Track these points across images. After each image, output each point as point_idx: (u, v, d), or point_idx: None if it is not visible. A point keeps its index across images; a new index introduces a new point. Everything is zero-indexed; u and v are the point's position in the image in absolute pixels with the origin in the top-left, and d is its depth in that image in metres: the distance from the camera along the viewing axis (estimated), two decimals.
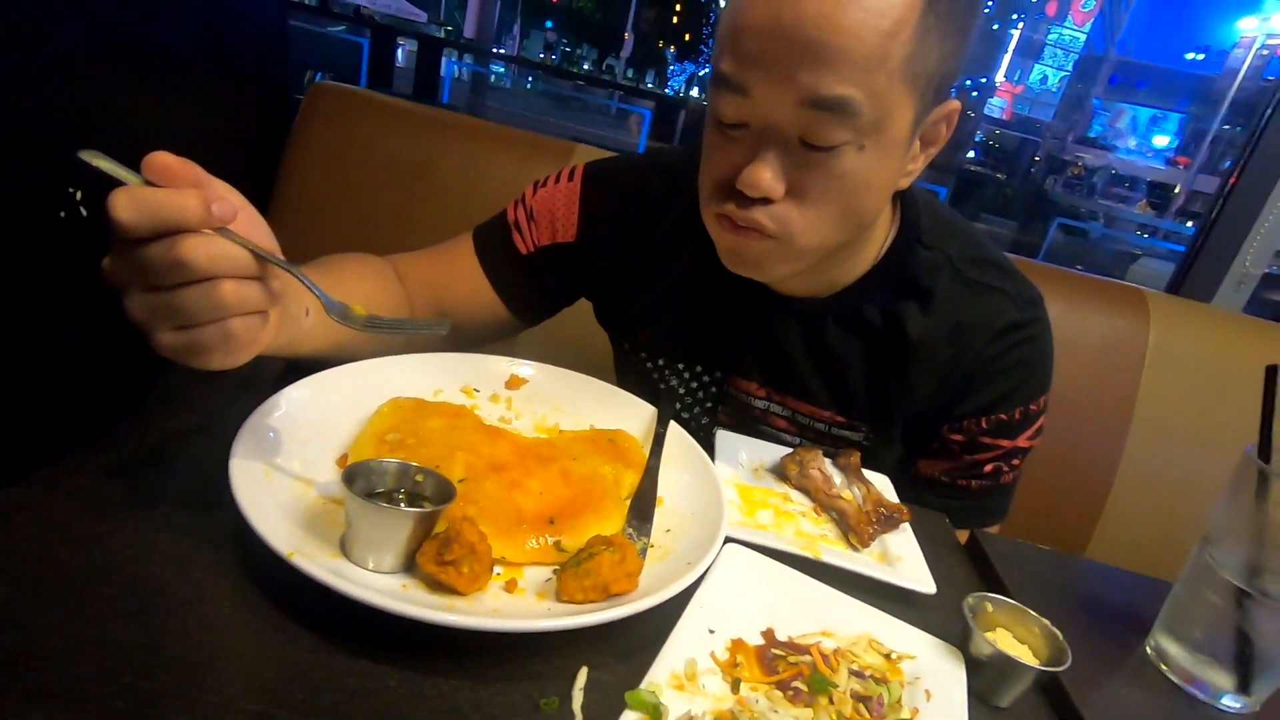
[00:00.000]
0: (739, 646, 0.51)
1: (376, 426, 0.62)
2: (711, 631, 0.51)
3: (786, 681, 0.49)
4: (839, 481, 0.76)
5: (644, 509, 0.61)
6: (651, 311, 0.93)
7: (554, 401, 0.75)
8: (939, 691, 0.52)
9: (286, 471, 0.54)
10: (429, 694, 0.42)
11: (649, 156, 0.98)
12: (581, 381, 0.77)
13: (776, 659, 0.51)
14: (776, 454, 0.78)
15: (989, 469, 0.87)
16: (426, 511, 0.49)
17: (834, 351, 0.85)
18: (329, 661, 0.42)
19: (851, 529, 0.68)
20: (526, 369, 0.77)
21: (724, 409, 0.94)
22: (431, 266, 0.93)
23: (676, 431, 0.72)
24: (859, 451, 0.80)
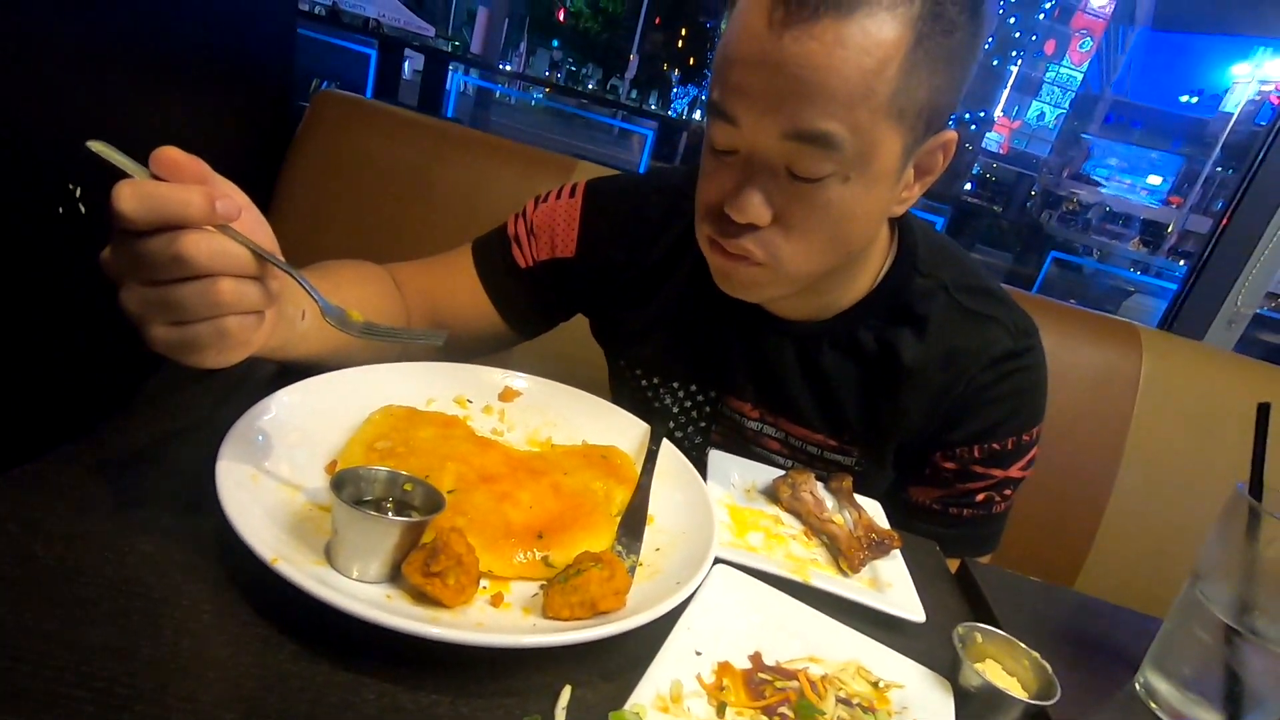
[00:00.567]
0: (726, 670, 0.50)
1: (367, 434, 0.61)
2: (698, 653, 0.50)
3: (773, 707, 0.48)
4: (830, 505, 0.75)
5: (634, 526, 0.60)
6: (647, 329, 0.93)
7: (547, 415, 0.75)
8: None
9: (274, 476, 0.53)
10: (408, 707, 0.41)
11: (650, 176, 0.99)
12: (575, 396, 0.77)
13: (763, 684, 0.50)
14: (768, 475, 0.78)
15: (981, 498, 0.87)
16: (414, 521, 0.48)
17: (828, 375, 0.85)
18: (308, 671, 0.42)
19: (842, 554, 0.67)
20: (521, 381, 0.77)
21: (717, 429, 0.94)
22: (429, 276, 0.93)
23: (669, 450, 0.71)
24: (851, 476, 0.80)
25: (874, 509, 0.77)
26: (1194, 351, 1.42)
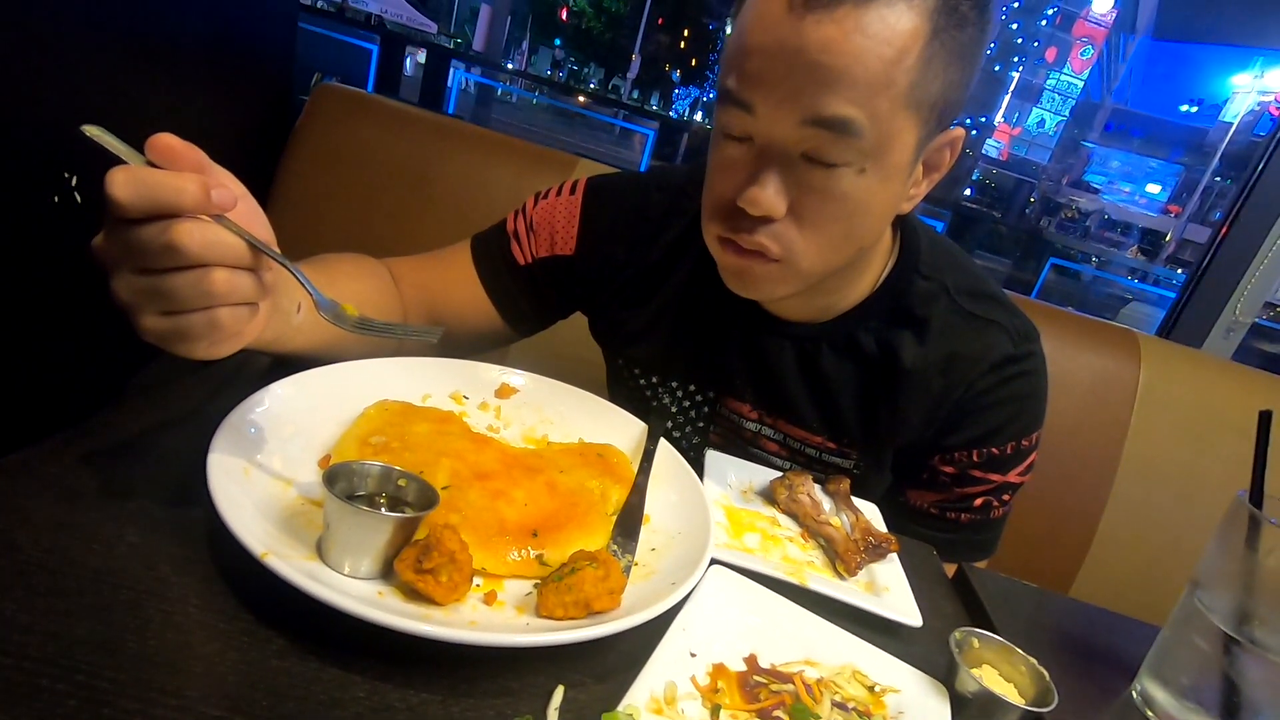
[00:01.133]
0: (720, 672, 0.50)
1: (361, 428, 0.60)
2: (693, 655, 0.50)
3: (768, 710, 0.48)
4: (828, 508, 0.75)
5: (630, 526, 0.60)
6: (646, 329, 0.92)
7: (544, 412, 0.74)
8: None
9: (266, 469, 0.53)
10: (397, 706, 0.41)
11: (651, 174, 0.98)
12: (572, 394, 0.76)
13: (758, 686, 0.50)
14: (766, 477, 0.77)
15: (979, 503, 0.87)
16: (407, 517, 0.48)
17: (828, 376, 0.85)
18: (296, 668, 0.41)
19: (839, 557, 0.67)
20: (517, 378, 0.76)
21: (715, 429, 0.93)
22: (427, 271, 0.92)
23: (666, 449, 0.71)
24: (849, 478, 0.79)
25: (871, 512, 0.77)
26: (1192, 359, 1.42)
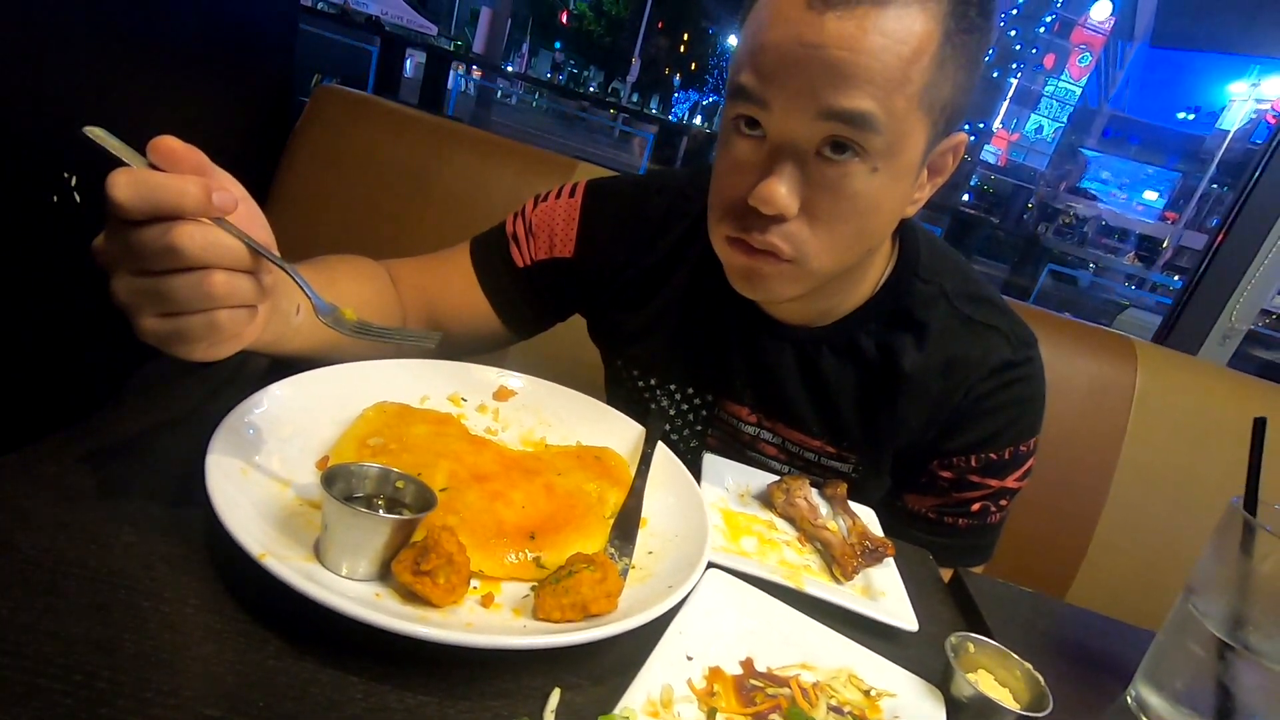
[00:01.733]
0: (717, 675, 0.50)
1: (360, 430, 0.60)
2: (690, 658, 0.50)
3: (764, 714, 0.48)
4: (825, 512, 0.75)
5: (627, 529, 0.60)
6: (645, 331, 0.92)
7: (542, 415, 0.74)
8: None
9: (264, 470, 0.53)
10: (394, 707, 0.41)
11: (651, 177, 0.98)
12: (571, 397, 0.76)
13: (754, 690, 0.50)
14: (763, 480, 0.77)
15: (976, 508, 0.87)
16: (405, 519, 0.48)
17: (827, 380, 0.85)
18: (293, 668, 0.41)
19: (835, 560, 0.67)
20: (516, 381, 0.76)
21: (713, 432, 0.94)
22: (426, 274, 0.92)
23: (664, 453, 0.71)
24: (846, 483, 0.79)
25: (868, 516, 0.77)
26: (1188, 366, 1.42)
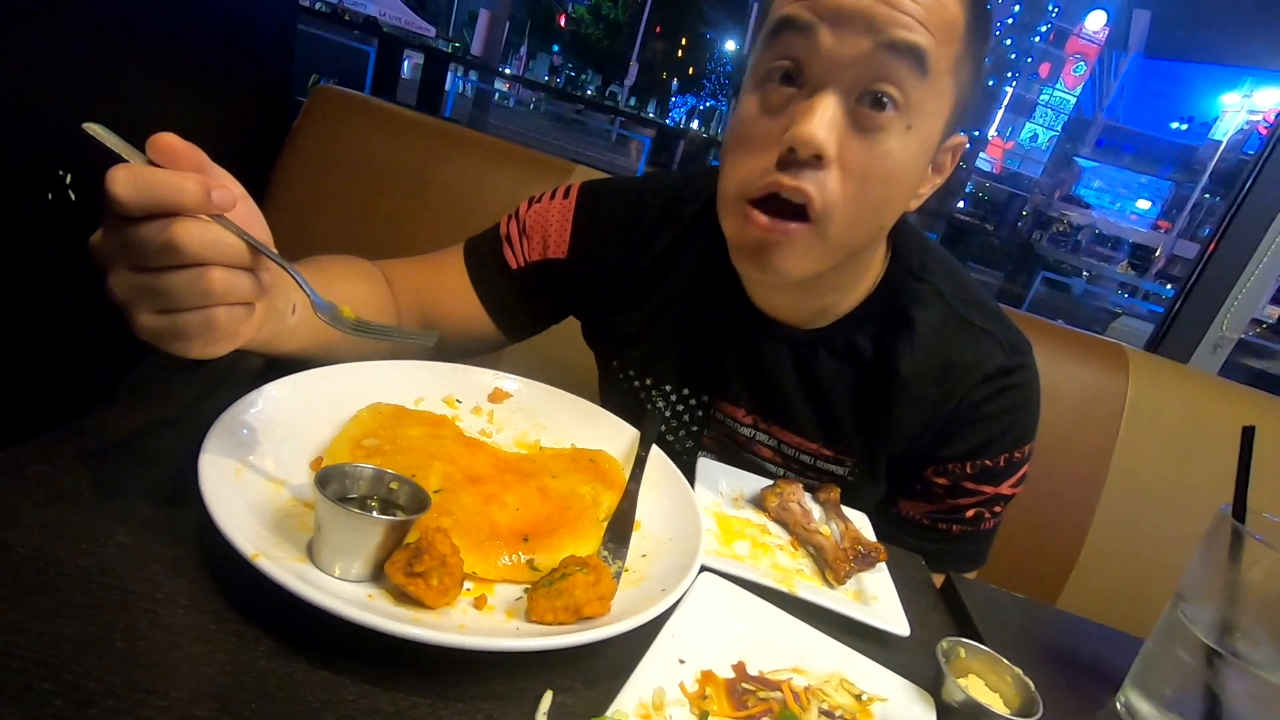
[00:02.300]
0: (709, 678, 0.50)
1: (354, 431, 0.60)
2: (682, 661, 0.50)
3: (755, 717, 0.48)
4: (818, 516, 0.75)
5: (621, 532, 0.60)
6: (641, 331, 0.92)
7: (536, 417, 0.74)
8: None
9: (258, 470, 0.53)
10: (386, 709, 0.41)
11: (646, 179, 0.99)
12: (565, 399, 0.77)
13: (746, 693, 0.50)
14: (757, 484, 0.78)
15: (970, 514, 0.87)
16: (399, 520, 0.48)
17: (824, 382, 0.85)
18: (285, 669, 0.41)
19: (828, 565, 0.67)
20: (511, 383, 0.76)
21: (709, 433, 0.94)
22: (421, 275, 0.92)
23: (658, 456, 0.71)
24: (839, 487, 0.79)
25: (861, 521, 0.77)
26: (1180, 374, 1.43)
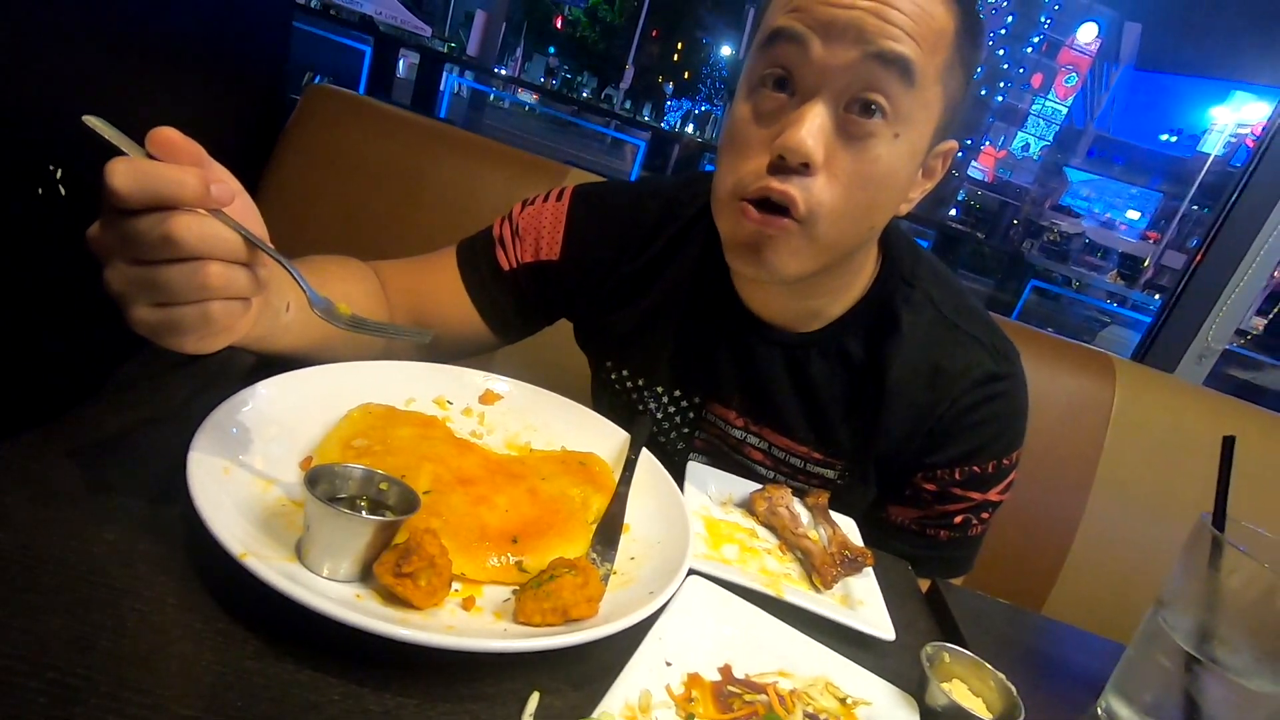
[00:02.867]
0: (695, 681, 0.50)
1: (345, 431, 0.60)
2: (669, 664, 0.50)
3: None
4: (806, 521, 0.76)
5: (610, 534, 0.60)
6: (634, 333, 0.92)
7: (527, 419, 0.74)
8: None
9: (247, 469, 0.53)
10: (373, 709, 0.41)
11: (639, 183, 0.99)
12: (556, 402, 0.77)
13: (732, 696, 0.50)
14: (746, 489, 0.78)
15: (958, 520, 0.88)
16: (388, 521, 0.48)
17: (815, 385, 0.85)
18: (272, 669, 0.41)
19: (815, 569, 0.67)
20: (502, 385, 0.76)
21: (701, 435, 0.94)
22: (413, 275, 0.92)
23: (648, 459, 0.71)
24: (828, 492, 0.80)
25: (848, 526, 0.78)
26: (1165, 384, 1.45)
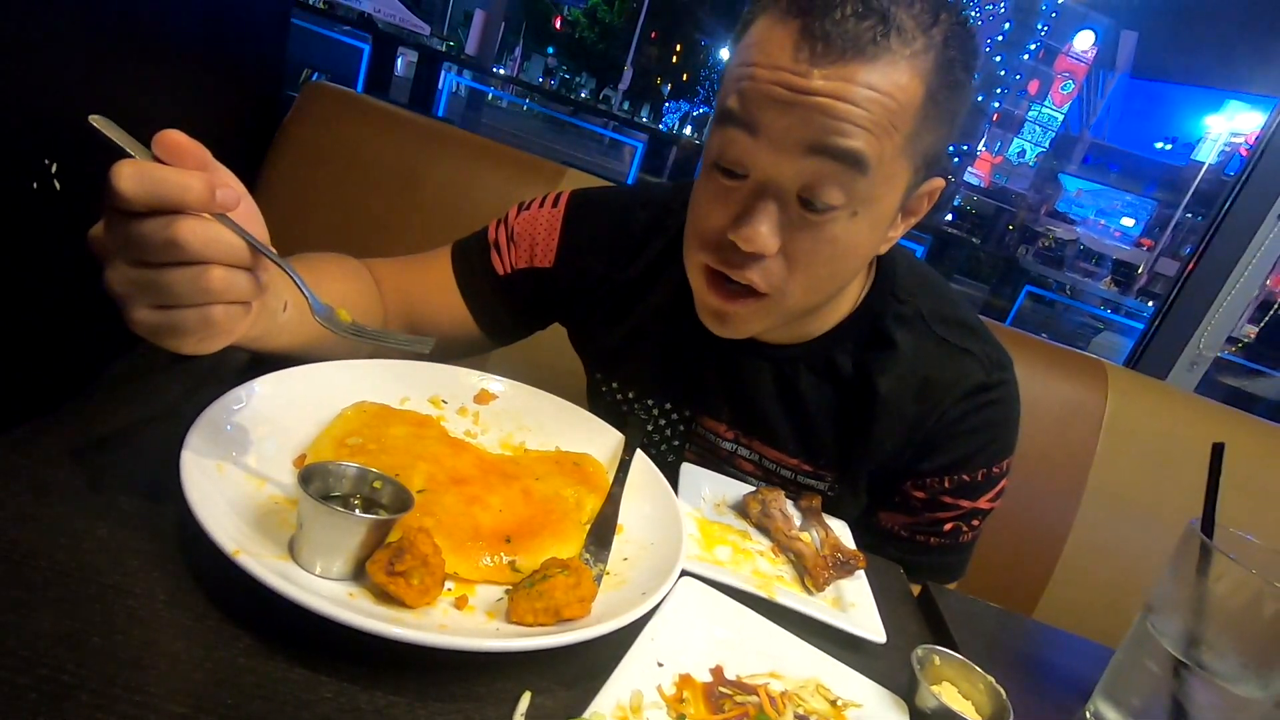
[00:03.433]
0: (687, 682, 0.50)
1: (338, 429, 0.60)
2: (660, 665, 0.51)
3: None
4: (799, 523, 0.76)
5: (603, 535, 0.60)
6: (624, 346, 0.93)
7: (522, 420, 0.74)
8: None
9: (240, 466, 0.53)
10: (365, 708, 0.41)
11: (635, 190, 0.99)
12: (551, 402, 0.77)
13: (723, 697, 0.50)
14: (739, 490, 0.78)
15: (949, 527, 0.88)
16: (381, 519, 0.48)
17: (804, 398, 0.86)
18: (264, 667, 0.41)
19: (808, 572, 0.68)
20: (497, 384, 0.76)
21: (691, 448, 0.94)
22: (408, 275, 0.92)
23: (642, 461, 0.71)
24: (820, 496, 0.80)
25: (841, 529, 0.78)
26: (1157, 391, 1.46)
